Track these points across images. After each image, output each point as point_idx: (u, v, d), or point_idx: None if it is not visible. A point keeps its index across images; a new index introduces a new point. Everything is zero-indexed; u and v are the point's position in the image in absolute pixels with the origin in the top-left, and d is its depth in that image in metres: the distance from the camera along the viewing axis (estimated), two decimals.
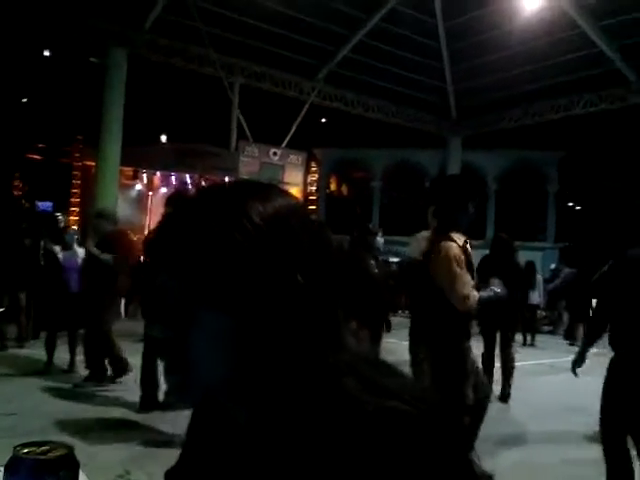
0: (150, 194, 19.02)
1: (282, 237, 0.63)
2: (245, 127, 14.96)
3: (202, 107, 20.52)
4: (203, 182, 17.18)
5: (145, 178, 18.71)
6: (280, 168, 15.09)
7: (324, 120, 27.57)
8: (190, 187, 17.40)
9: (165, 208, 5.02)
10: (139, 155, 16.38)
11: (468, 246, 3.51)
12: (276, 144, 15.58)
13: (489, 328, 6.42)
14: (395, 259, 20.23)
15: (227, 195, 0.66)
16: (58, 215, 12.61)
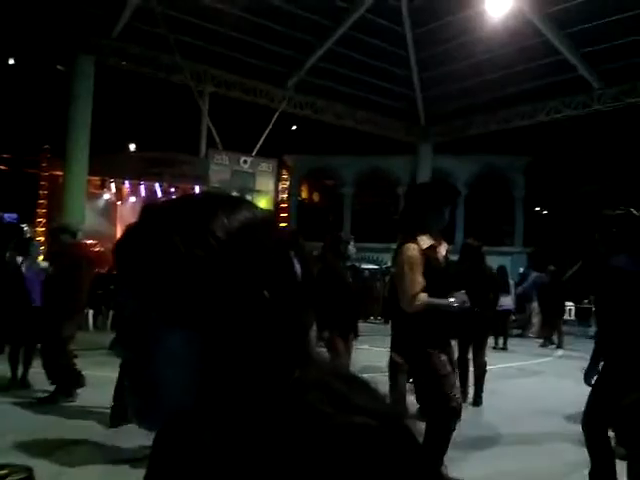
0: (119, 203, 18.80)
1: (247, 252, 0.61)
2: (215, 135, 14.89)
3: (171, 115, 20.38)
4: (173, 191, 17.07)
5: (113, 187, 18.49)
6: (251, 176, 15.06)
7: (295, 127, 27.64)
8: (160, 196, 17.24)
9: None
10: (107, 164, 16.19)
11: (441, 249, 3.57)
12: (247, 152, 15.55)
13: (461, 333, 6.47)
14: (368, 266, 20.35)
15: (189, 209, 0.63)
16: (24, 226, 12.37)
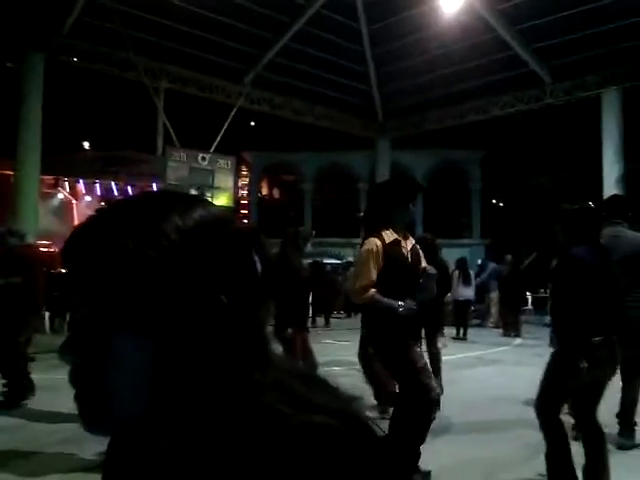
0: (74, 203, 18.39)
1: (203, 253, 0.58)
2: (171, 132, 14.69)
3: (126, 113, 20.03)
4: (130, 190, 16.78)
5: (67, 186, 18.08)
6: (210, 173, 14.91)
7: (253, 123, 27.49)
8: (116, 195, 16.94)
9: None
10: (61, 163, 15.81)
11: (406, 243, 3.66)
12: (205, 149, 15.40)
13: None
14: (330, 260, 20.44)
15: (141, 208, 0.60)
16: None
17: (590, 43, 13.19)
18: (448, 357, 9.43)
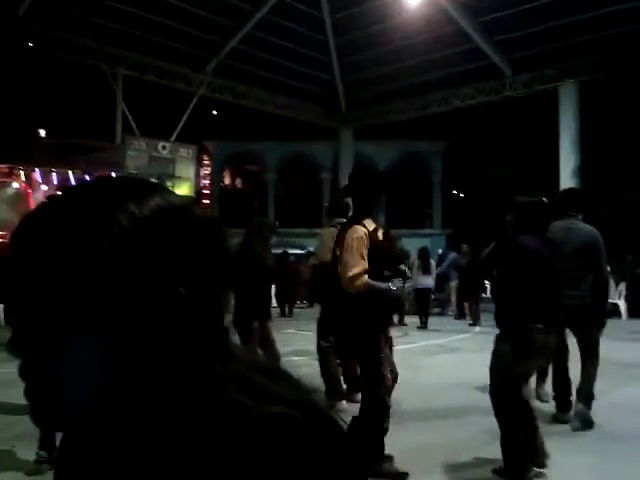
0: (30, 192, 17.90)
1: (160, 243, 0.56)
2: (131, 120, 14.41)
3: (84, 100, 19.56)
4: (88, 179, 16.41)
5: (23, 175, 17.56)
6: (170, 162, 14.69)
7: (215, 112, 27.18)
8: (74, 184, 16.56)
9: None
10: (16, 151, 15.34)
11: (379, 233, 3.76)
12: (166, 137, 15.16)
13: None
14: (293, 251, 20.42)
15: (92, 196, 0.57)
16: None
17: (549, 36, 13.45)
18: (410, 345, 9.59)
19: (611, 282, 9.12)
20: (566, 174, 14.11)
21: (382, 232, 3.82)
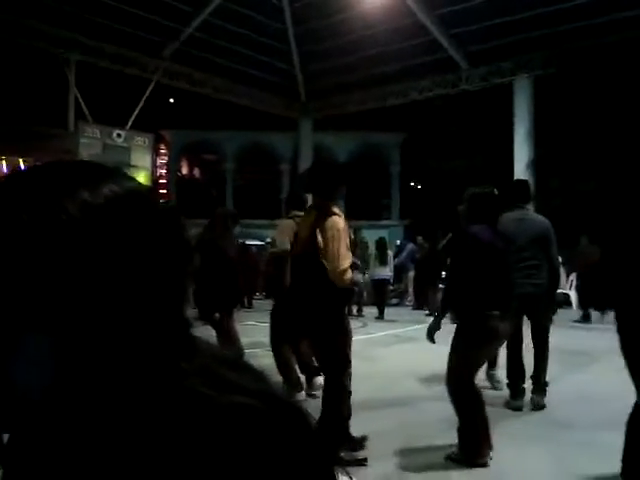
0: None
1: (115, 233, 0.52)
2: (84, 107, 14.01)
3: (35, 85, 18.93)
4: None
5: None
6: (126, 150, 14.37)
7: (172, 100, 26.71)
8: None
9: None
10: None
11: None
12: (121, 125, 14.81)
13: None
14: (252, 242, 20.32)
15: (39, 182, 0.53)
16: None
17: (506, 30, 13.62)
18: (368, 335, 9.66)
19: (562, 272, 9.36)
20: (520, 166, 14.38)
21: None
